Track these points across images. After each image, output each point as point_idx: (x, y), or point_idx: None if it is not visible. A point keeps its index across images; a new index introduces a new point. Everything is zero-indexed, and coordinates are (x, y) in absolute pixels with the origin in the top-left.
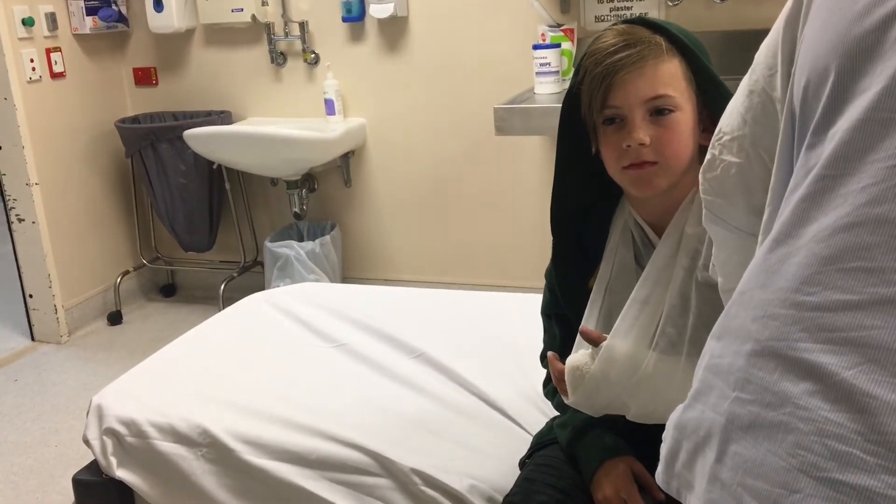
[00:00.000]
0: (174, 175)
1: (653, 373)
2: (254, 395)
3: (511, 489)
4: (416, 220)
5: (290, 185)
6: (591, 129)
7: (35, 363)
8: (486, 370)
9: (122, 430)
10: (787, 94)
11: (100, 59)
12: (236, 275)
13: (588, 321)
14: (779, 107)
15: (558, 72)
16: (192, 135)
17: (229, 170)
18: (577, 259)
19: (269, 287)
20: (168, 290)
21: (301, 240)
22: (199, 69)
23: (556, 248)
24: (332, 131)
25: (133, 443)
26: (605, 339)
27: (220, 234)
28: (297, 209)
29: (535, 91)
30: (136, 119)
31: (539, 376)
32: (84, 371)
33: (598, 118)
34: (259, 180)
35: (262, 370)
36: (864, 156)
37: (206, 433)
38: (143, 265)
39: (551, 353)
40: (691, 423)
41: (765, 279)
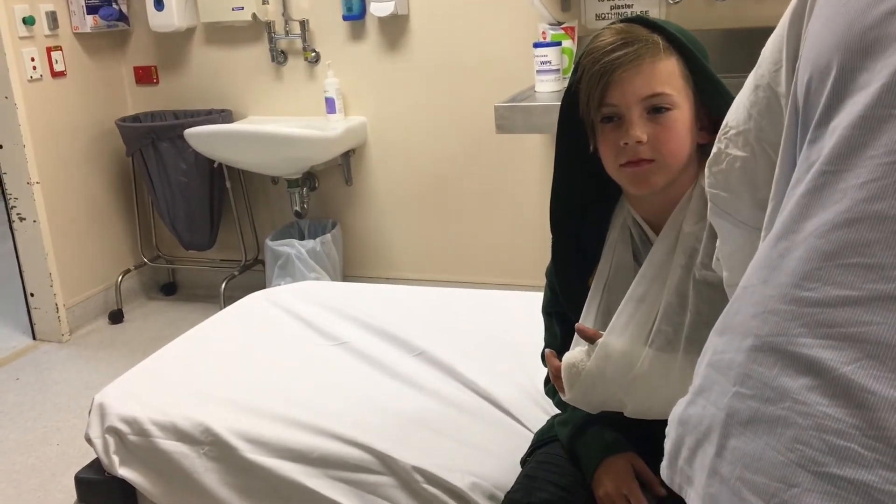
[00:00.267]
0: (175, 174)
1: (648, 370)
2: (255, 393)
3: (512, 486)
4: (417, 218)
5: (291, 183)
6: (589, 127)
7: (36, 362)
8: (488, 368)
9: (124, 428)
10: (791, 89)
11: (100, 58)
12: (237, 273)
13: (586, 319)
14: (783, 102)
15: (559, 70)
16: (192, 133)
17: (230, 168)
18: (576, 257)
19: (270, 285)
20: (169, 289)
21: (302, 238)
22: (199, 68)
23: (555, 246)
24: (333, 130)
25: (135, 441)
26: (602, 336)
27: (221, 232)
28: (297, 207)
29: (536, 89)
30: (136, 118)
31: (540, 374)
32: (85, 370)
33: (595, 116)
34: (260, 179)
35: (263, 368)
36: (863, 151)
37: (207, 431)
38: (144, 264)
39: (548, 350)
40: (693, 418)
41: (766, 275)
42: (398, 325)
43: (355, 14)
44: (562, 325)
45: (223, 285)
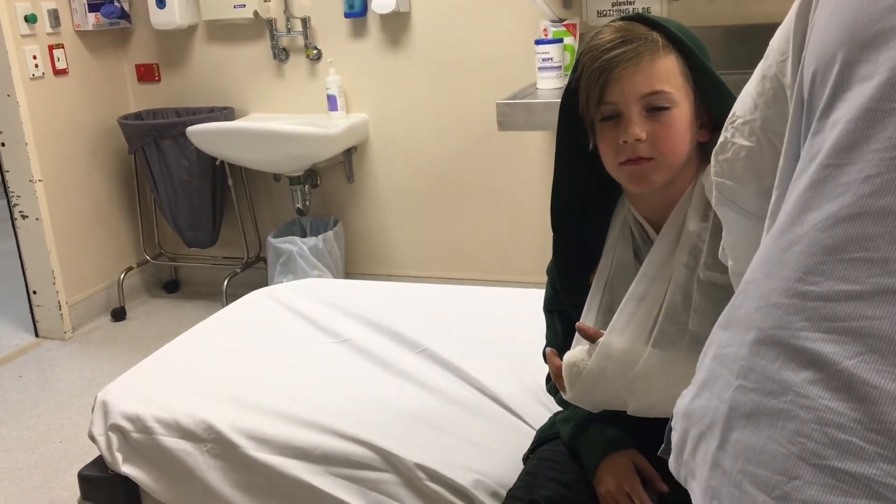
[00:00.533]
0: (177, 171)
1: (650, 369)
2: (258, 390)
3: (514, 483)
4: (419, 215)
5: (293, 180)
6: (589, 125)
7: (39, 359)
8: (490, 365)
9: (127, 425)
10: (796, 80)
11: (102, 56)
12: (239, 271)
13: (587, 317)
14: (789, 93)
15: (560, 67)
16: (194, 131)
17: (232, 166)
18: (577, 255)
19: (272, 283)
20: (171, 287)
21: (304, 235)
22: (201, 65)
23: (556, 244)
24: (335, 127)
25: (138, 438)
26: (603, 335)
27: (223, 230)
28: (299, 205)
29: (538, 86)
30: (138, 115)
31: (542, 371)
32: (88, 367)
33: (595, 114)
34: (262, 176)
35: (265, 366)
36: (866, 145)
37: (210, 429)
38: (147, 261)
39: (549, 349)
40: (698, 411)
41: (769, 268)
42: (400, 323)
43: (357, 11)
44: (563, 322)
45: (225, 283)
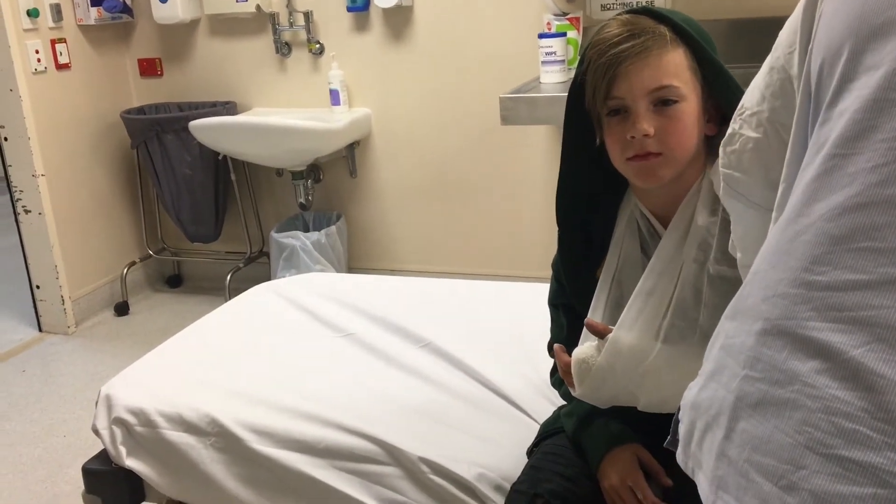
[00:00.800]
0: (180, 166)
1: (660, 364)
2: (261, 384)
3: (518, 477)
4: (422, 209)
5: (296, 175)
6: (596, 120)
7: (42, 354)
8: (493, 359)
9: (130, 419)
10: (803, 71)
11: (105, 50)
12: (242, 265)
13: (595, 312)
14: (796, 84)
15: (564, 61)
16: (197, 126)
17: (235, 160)
18: (583, 249)
19: (274, 278)
20: (174, 281)
21: (307, 230)
22: (203, 60)
23: (562, 239)
24: (338, 121)
25: (142, 432)
26: (611, 331)
27: (225, 224)
28: (302, 200)
29: (541, 80)
30: (141, 110)
31: (546, 365)
32: (91, 361)
33: (602, 109)
34: (264, 171)
35: (269, 360)
36: (873, 134)
37: (214, 422)
38: (150, 256)
39: (557, 345)
40: (705, 402)
41: (776, 258)
42: (404, 317)
43: (359, 5)
44: (568, 316)
45: (228, 277)
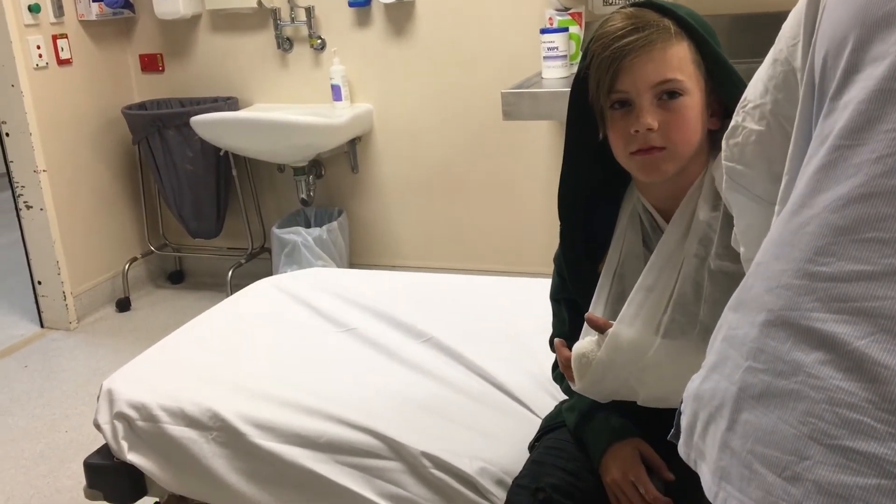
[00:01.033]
0: (181, 162)
1: (660, 359)
2: (263, 379)
3: (520, 472)
4: (423, 205)
5: (297, 171)
6: (599, 114)
7: (44, 350)
8: (495, 354)
9: (132, 414)
10: (806, 63)
11: (106, 46)
12: (244, 261)
13: (596, 307)
14: (799, 76)
15: (566, 56)
16: (198, 121)
17: (236, 156)
18: (585, 244)
19: (276, 273)
20: (176, 277)
21: (308, 226)
22: (205, 55)
23: (564, 233)
24: (339, 117)
25: (144, 427)
26: (612, 325)
27: (227, 220)
28: (304, 195)
29: (543, 75)
30: (142, 105)
31: (547, 360)
32: (93, 357)
33: (605, 103)
34: (266, 167)
35: (271, 354)
36: (877, 125)
37: (216, 417)
38: (151, 252)
39: (558, 339)
40: (707, 393)
41: (779, 250)
42: (405, 312)
43: (361, 1)
44: (570, 311)
45: (230, 273)
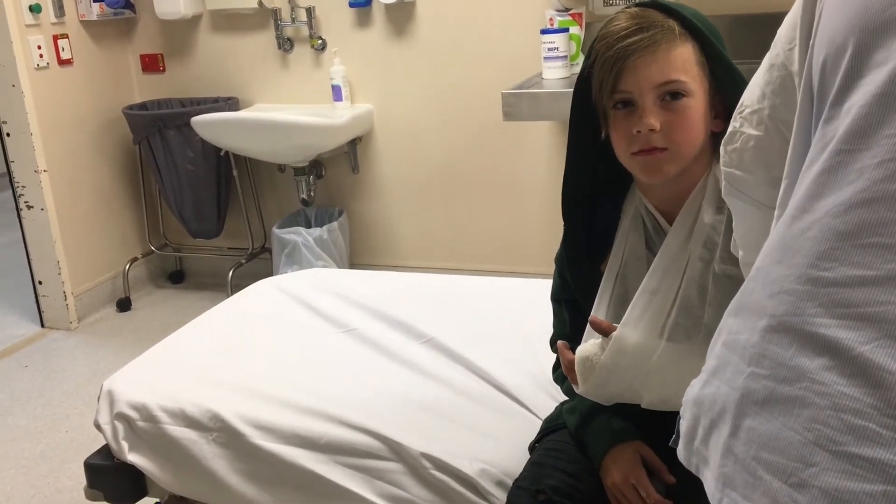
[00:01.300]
0: (182, 162)
1: (664, 362)
2: (264, 379)
3: (521, 473)
4: (424, 206)
5: (298, 171)
6: (602, 114)
7: (45, 350)
8: (495, 355)
9: (133, 414)
10: (804, 67)
11: (107, 46)
12: (244, 261)
13: (599, 309)
14: (797, 80)
15: (566, 56)
16: (199, 121)
17: (237, 156)
18: (588, 244)
19: (276, 274)
20: (176, 277)
21: (309, 226)
22: (206, 55)
23: (567, 233)
24: (340, 117)
25: (144, 427)
26: (616, 328)
27: (227, 220)
28: (304, 195)
29: (543, 76)
30: (143, 106)
31: (548, 361)
32: (94, 357)
33: (608, 102)
34: (267, 167)
35: (271, 355)
36: (879, 130)
37: (216, 417)
38: (152, 252)
39: (561, 342)
40: (708, 398)
41: (780, 255)
42: (406, 312)
43: (362, 1)
44: (571, 311)
45: (230, 273)
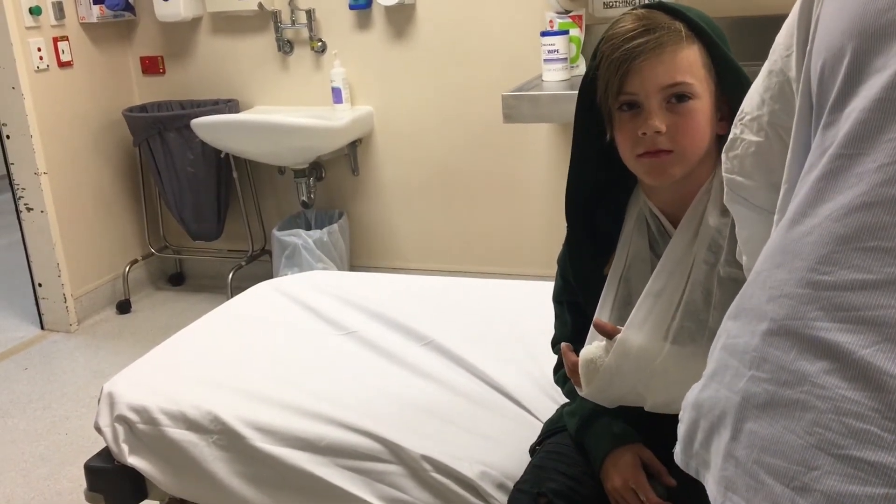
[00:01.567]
0: (182, 164)
1: (668, 365)
2: (264, 382)
3: (521, 476)
4: (424, 208)
5: (298, 173)
6: (607, 116)
7: (45, 352)
8: (496, 357)
9: (133, 417)
10: (801, 73)
11: (107, 48)
12: (244, 263)
13: (602, 311)
14: (795, 87)
15: (566, 59)
16: (199, 123)
17: (237, 158)
18: (591, 246)
19: (277, 275)
20: (176, 279)
21: (309, 228)
22: (206, 58)
23: (570, 234)
24: (340, 119)
25: (144, 430)
26: (620, 331)
27: (227, 222)
28: (304, 198)
29: (543, 78)
30: (143, 108)
31: (548, 363)
32: (94, 359)
33: (613, 104)
34: (267, 169)
35: (271, 357)
36: (880, 135)
37: (216, 420)
38: (152, 254)
39: (564, 344)
40: (707, 402)
41: (780, 259)
42: (406, 315)
43: (362, 3)
44: (573, 313)
45: (230, 275)
